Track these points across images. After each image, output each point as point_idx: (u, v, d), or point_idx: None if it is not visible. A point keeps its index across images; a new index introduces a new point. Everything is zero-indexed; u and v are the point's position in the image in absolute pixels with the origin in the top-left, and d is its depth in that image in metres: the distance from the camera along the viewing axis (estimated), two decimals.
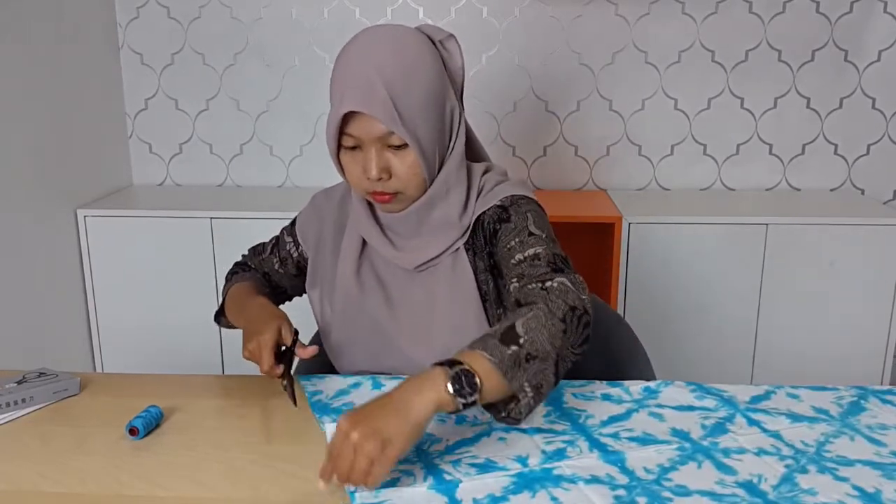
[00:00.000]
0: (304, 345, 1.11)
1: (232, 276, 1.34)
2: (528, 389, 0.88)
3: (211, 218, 2.32)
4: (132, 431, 1.00)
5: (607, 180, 2.62)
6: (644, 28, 2.48)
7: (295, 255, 1.30)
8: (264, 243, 1.35)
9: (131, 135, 2.69)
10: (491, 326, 1.12)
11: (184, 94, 2.64)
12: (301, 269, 1.30)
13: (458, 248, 1.14)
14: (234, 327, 1.25)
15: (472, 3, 2.50)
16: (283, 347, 1.10)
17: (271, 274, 1.33)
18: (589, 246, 2.43)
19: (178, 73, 2.62)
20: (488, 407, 0.91)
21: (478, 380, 0.85)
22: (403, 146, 1.05)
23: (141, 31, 2.59)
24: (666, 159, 2.59)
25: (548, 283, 0.99)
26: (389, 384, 1.14)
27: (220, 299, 1.33)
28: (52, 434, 1.02)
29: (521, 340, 0.89)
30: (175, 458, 0.96)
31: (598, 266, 2.41)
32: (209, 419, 1.06)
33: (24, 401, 1.08)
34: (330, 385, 1.15)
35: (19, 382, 1.11)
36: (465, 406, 0.85)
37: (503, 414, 0.90)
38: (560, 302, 0.95)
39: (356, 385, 1.15)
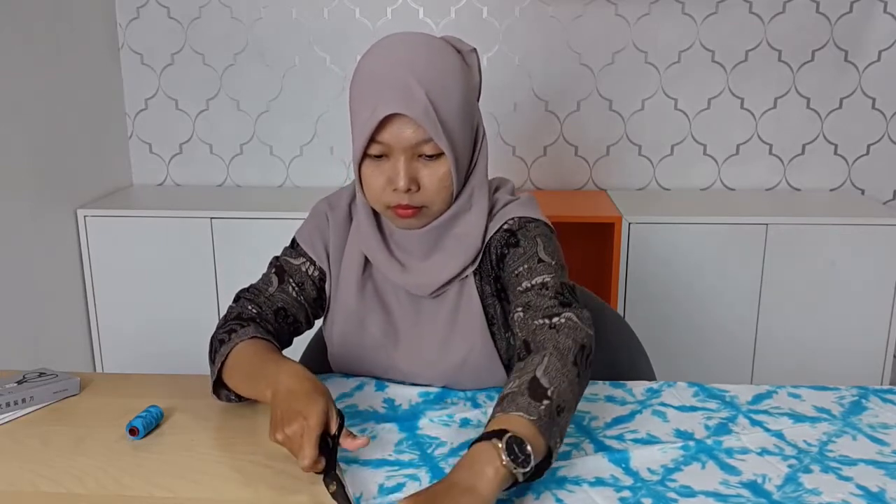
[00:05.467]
0: (352, 433, 0.90)
1: (230, 334, 1.06)
2: (558, 444, 0.86)
3: (211, 218, 2.31)
4: (132, 431, 1.00)
5: (607, 180, 2.62)
6: (644, 28, 2.48)
7: (314, 273, 1.16)
8: (258, 284, 1.17)
9: (131, 135, 2.69)
10: (498, 351, 1.11)
11: (184, 94, 2.63)
12: (321, 287, 1.17)
13: (467, 276, 1.10)
14: (242, 399, 1.04)
15: (472, 3, 2.50)
16: (326, 434, 0.88)
17: (288, 307, 1.14)
18: (589, 246, 2.43)
19: (178, 73, 2.61)
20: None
21: (529, 446, 0.81)
22: (436, 156, 1.01)
23: (141, 31, 2.59)
24: (666, 159, 2.59)
25: (555, 320, 0.96)
26: (393, 386, 1.14)
27: (213, 364, 1.06)
28: (52, 434, 1.02)
29: (549, 392, 0.86)
30: (175, 458, 0.96)
31: (598, 266, 2.41)
32: (209, 419, 1.06)
33: (24, 401, 1.08)
34: (333, 387, 1.14)
35: (19, 382, 1.11)
36: (524, 476, 0.81)
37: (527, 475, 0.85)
38: (570, 342, 0.92)
39: (359, 387, 1.15)
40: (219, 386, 1.05)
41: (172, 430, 1.03)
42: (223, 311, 2.30)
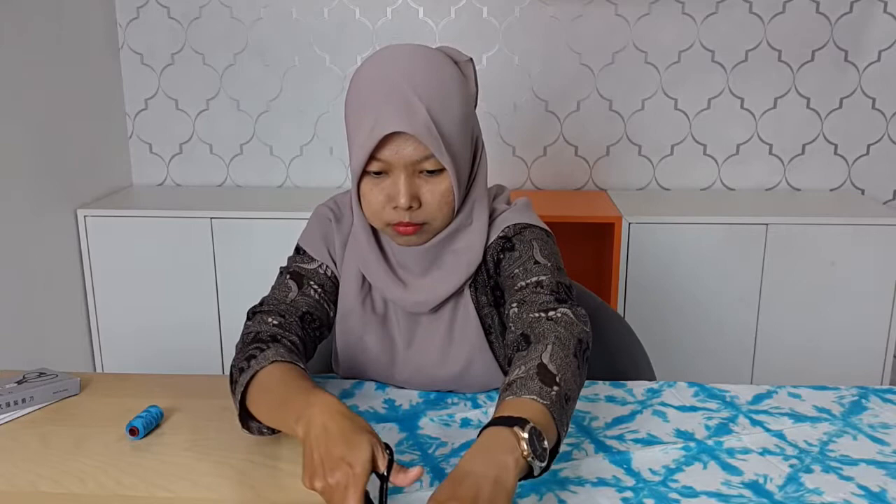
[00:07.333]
0: (403, 467, 0.79)
1: (249, 360, 0.96)
2: (563, 435, 0.84)
3: (211, 218, 2.31)
4: (132, 431, 1.00)
5: (607, 180, 2.62)
6: (644, 28, 2.48)
7: (330, 273, 1.13)
8: (274, 294, 1.09)
9: (131, 135, 2.69)
10: (497, 360, 1.10)
11: (184, 94, 2.63)
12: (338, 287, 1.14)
13: (463, 290, 1.08)
14: (276, 431, 0.95)
15: (472, 3, 2.50)
16: (374, 474, 0.77)
17: (313, 311, 1.09)
18: (589, 246, 2.43)
19: (178, 73, 2.61)
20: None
21: (546, 441, 0.79)
22: (437, 172, 0.98)
23: (141, 31, 2.59)
24: (666, 159, 2.59)
25: (551, 313, 0.95)
26: (393, 389, 1.14)
27: (234, 395, 0.96)
28: (52, 434, 1.02)
29: (558, 379, 0.85)
30: (175, 458, 0.96)
31: (598, 266, 2.41)
32: (209, 419, 1.06)
33: (24, 401, 1.08)
34: (333, 387, 1.15)
35: (19, 382, 1.11)
36: (541, 470, 0.79)
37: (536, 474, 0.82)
38: (568, 334, 0.92)
39: (359, 385, 1.15)
40: (246, 418, 0.96)
41: (172, 430, 1.03)
42: (223, 312, 2.31)
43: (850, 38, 2.44)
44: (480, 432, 0.80)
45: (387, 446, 0.79)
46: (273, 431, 0.95)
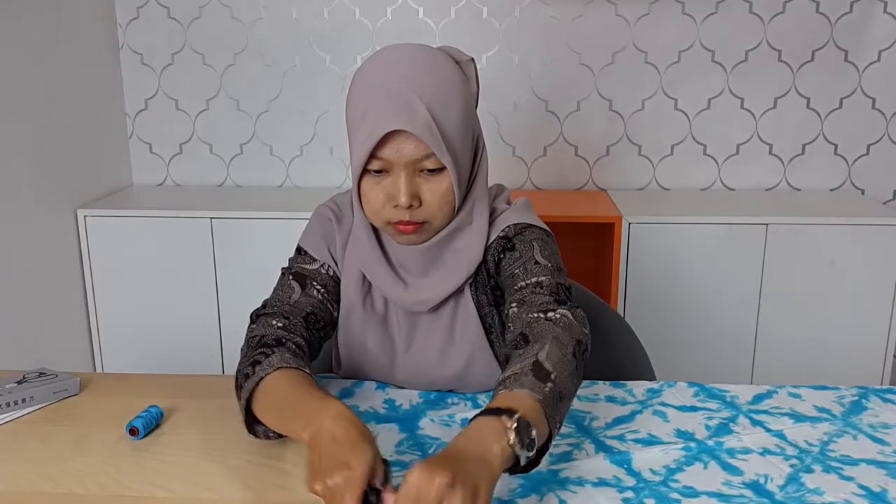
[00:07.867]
0: (394, 490, 0.77)
1: (254, 366, 0.95)
2: (555, 432, 0.84)
3: (211, 218, 2.31)
4: (132, 431, 1.00)
5: (607, 180, 2.62)
6: (644, 28, 2.48)
7: (332, 273, 1.12)
8: (277, 296, 1.09)
9: (131, 135, 2.69)
10: (498, 359, 1.10)
11: (184, 94, 2.63)
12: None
13: (463, 290, 1.09)
14: (281, 436, 0.95)
15: (472, 3, 2.50)
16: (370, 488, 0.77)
17: (317, 312, 1.09)
18: (589, 246, 2.43)
19: (178, 73, 2.61)
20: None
21: (534, 431, 0.79)
22: (438, 171, 0.99)
23: (141, 31, 2.59)
24: (666, 159, 2.59)
25: (550, 314, 0.95)
26: (393, 389, 1.15)
27: (240, 395, 0.96)
28: (52, 434, 1.02)
29: (553, 376, 0.85)
30: (175, 458, 0.96)
31: (598, 266, 2.41)
32: (209, 419, 1.06)
33: (24, 401, 1.08)
34: (333, 387, 1.15)
35: (19, 382, 1.11)
36: (527, 460, 0.79)
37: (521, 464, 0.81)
38: (567, 335, 0.92)
39: (359, 385, 1.15)
40: (252, 423, 0.96)
41: (172, 430, 1.03)
42: (223, 312, 2.31)
43: (850, 38, 2.44)
44: (469, 423, 0.80)
45: (385, 462, 0.79)
46: (279, 435, 0.95)
